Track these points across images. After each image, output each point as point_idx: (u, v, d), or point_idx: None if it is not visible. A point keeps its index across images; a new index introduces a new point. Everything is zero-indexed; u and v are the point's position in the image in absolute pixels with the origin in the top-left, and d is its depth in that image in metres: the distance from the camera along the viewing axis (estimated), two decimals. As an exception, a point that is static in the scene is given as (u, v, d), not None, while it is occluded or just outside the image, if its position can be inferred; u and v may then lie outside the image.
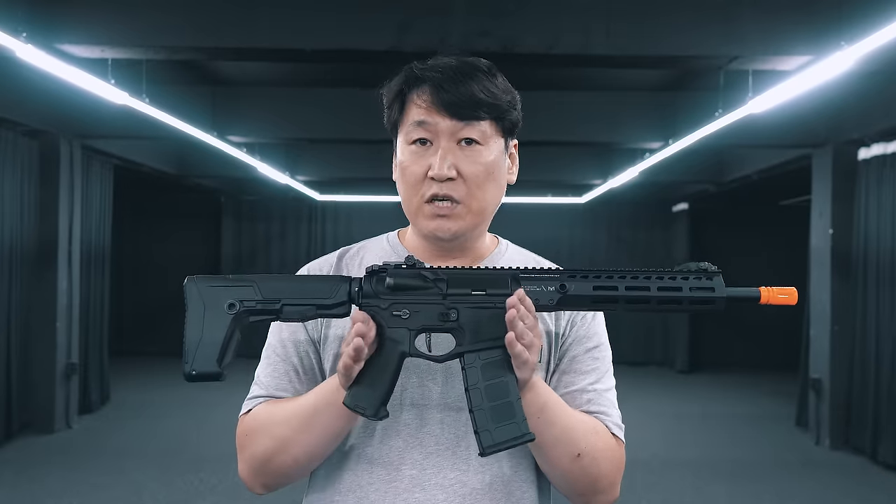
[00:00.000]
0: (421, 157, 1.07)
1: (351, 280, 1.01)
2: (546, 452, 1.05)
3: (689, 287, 0.99)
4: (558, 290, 1.00)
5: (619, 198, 10.03)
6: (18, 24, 3.50)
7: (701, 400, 8.21)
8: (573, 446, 1.04)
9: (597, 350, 1.14)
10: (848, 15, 3.78)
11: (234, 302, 0.99)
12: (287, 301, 0.99)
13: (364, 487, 1.07)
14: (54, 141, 6.08)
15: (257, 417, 1.09)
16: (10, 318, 5.71)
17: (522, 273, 1.01)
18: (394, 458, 1.07)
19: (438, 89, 1.05)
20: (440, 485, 1.05)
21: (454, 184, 1.06)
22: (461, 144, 1.07)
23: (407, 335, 0.99)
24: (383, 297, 0.99)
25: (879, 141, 5.60)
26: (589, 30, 3.94)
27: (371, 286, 1.00)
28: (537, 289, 1.00)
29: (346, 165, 8.56)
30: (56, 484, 4.73)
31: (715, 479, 5.11)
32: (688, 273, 1.00)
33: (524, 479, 1.10)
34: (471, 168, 1.06)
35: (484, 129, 1.07)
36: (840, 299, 6.02)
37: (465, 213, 1.07)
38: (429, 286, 1.00)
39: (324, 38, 4.00)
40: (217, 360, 0.98)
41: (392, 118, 1.12)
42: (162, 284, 10.89)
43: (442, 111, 1.05)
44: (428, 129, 1.06)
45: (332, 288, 1.00)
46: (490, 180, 1.09)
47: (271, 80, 6.58)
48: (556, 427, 1.03)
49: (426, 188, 1.07)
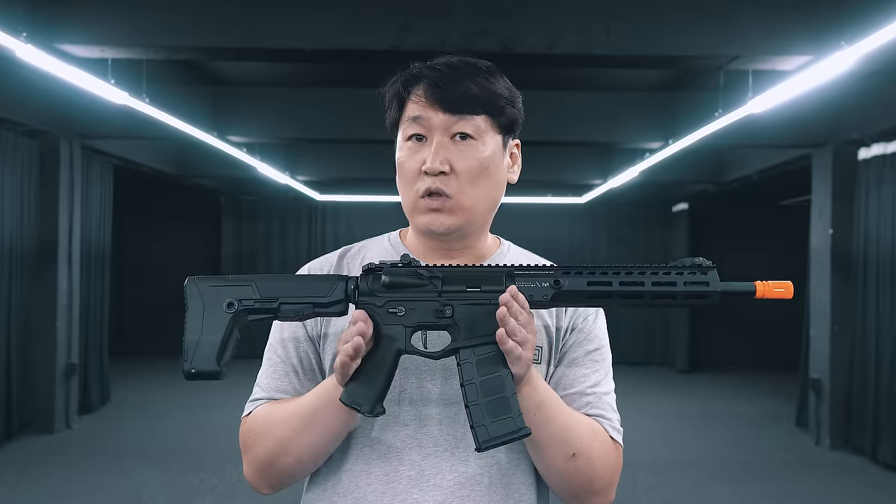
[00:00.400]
0: (416, 153, 1.08)
1: (347, 279, 1.02)
2: (542, 450, 1.05)
3: (684, 282, 0.99)
4: (552, 286, 1.00)
5: (619, 198, 10.02)
6: (18, 24, 3.50)
7: (701, 400, 8.21)
8: (569, 445, 1.04)
9: (597, 353, 1.14)
10: (848, 15, 3.78)
11: (233, 301, 1.00)
12: (285, 300, 1.00)
13: (362, 488, 1.07)
14: (54, 141, 6.08)
15: (258, 419, 1.10)
16: (10, 318, 5.71)
17: (517, 269, 1.01)
18: (392, 459, 1.06)
19: (433, 85, 1.06)
20: (438, 485, 1.05)
21: (447, 178, 1.06)
22: (455, 139, 1.07)
23: (403, 332, 0.99)
24: (379, 294, 1.00)
25: (879, 141, 5.60)
26: (589, 30, 3.94)
27: (367, 284, 1.01)
28: (532, 285, 1.00)
29: (346, 165, 8.56)
30: (56, 484, 4.73)
31: (715, 479, 5.11)
32: (682, 268, 1.00)
33: (522, 479, 1.10)
34: (464, 163, 1.07)
35: (478, 124, 1.07)
36: (840, 299, 6.02)
37: (456, 208, 1.07)
38: (424, 283, 1.00)
39: (324, 38, 4.00)
40: (216, 358, 0.99)
41: (392, 117, 1.13)
42: (162, 284, 10.89)
43: (436, 105, 1.06)
44: (422, 125, 1.07)
45: (328, 286, 1.01)
46: (484, 176, 1.08)
47: (271, 80, 6.58)
48: (552, 424, 1.03)
49: (420, 183, 1.07)
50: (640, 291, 0.99)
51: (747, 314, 10.31)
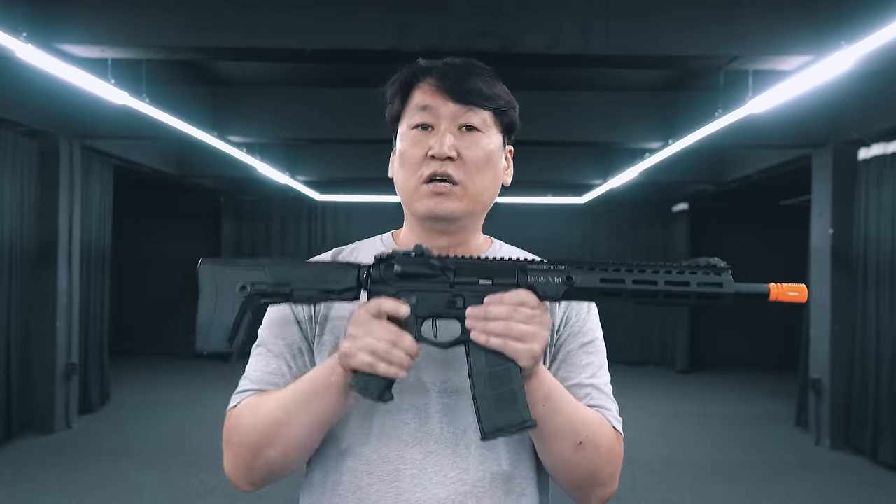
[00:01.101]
0: (421, 141, 1.09)
1: (360, 266, 1.02)
2: (549, 442, 1.05)
3: (697, 282, 0.99)
4: (564, 281, 1.00)
5: (619, 198, 10.02)
6: (18, 24, 3.50)
7: (701, 400, 8.21)
8: (576, 435, 1.04)
9: (591, 345, 1.15)
10: (848, 15, 3.78)
11: (245, 285, 1.01)
12: (297, 285, 1.02)
13: (364, 489, 1.06)
14: (54, 141, 6.08)
15: (243, 411, 1.08)
16: (10, 318, 5.71)
17: (530, 264, 1.01)
18: (393, 458, 1.06)
19: (443, 77, 1.08)
20: (441, 483, 1.05)
21: (454, 164, 1.07)
22: (462, 130, 1.09)
23: (414, 321, 1.00)
24: (391, 283, 1.01)
25: (879, 141, 5.60)
26: (589, 30, 3.93)
27: (380, 273, 1.01)
28: (543, 280, 1.00)
29: (346, 165, 8.56)
30: (56, 484, 4.73)
31: (715, 479, 5.11)
32: (696, 268, 1.00)
33: (524, 475, 1.11)
34: (471, 152, 1.08)
35: (485, 118, 1.09)
36: (840, 299, 6.02)
37: (462, 193, 1.08)
38: (436, 274, 1.00)
39: (324, 38, 4.00)
40: (228, 339, 1.00)
41: (394, 110, 1.14)
42: (162, 284, 10.90)
43: (445, 95, 1.08)
44: (431, 113, 1.08)
45: (341, 274, 1.02)
46: (489, 167, 1.10)
47: (271, 80, 6.58)
48: (560, 415, 1.03)
49: (425, 168, 1.08)
50: (652, 290, 0.99)
51: (747, 314, 10.30)
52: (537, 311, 0.98)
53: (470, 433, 1.06)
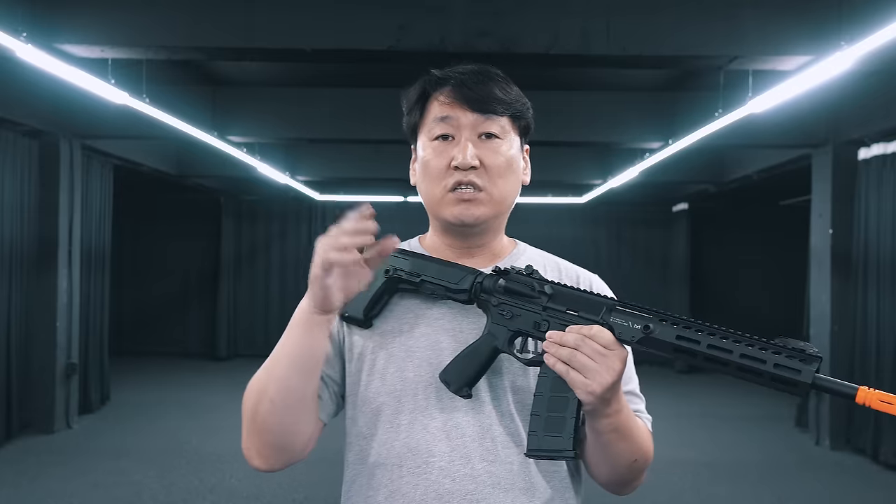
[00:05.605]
0: (444, 152, 1.12)
1: (477, 273, 1.10)
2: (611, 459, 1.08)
3: (774, 363, 0.93)
4: (643, 329, 1.00)
5: (619, 198, 10.02)
6: (18, 24, 3.50)
7: (701, 400, 8.22)
8: (633, 455, 1.08)
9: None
10: (848, 15, 3.79)
11: (390, 268, 1.13)
12: (427, 277, 1.11)
13: (395, 481, 1.08)
14: (54, 141, 6.08)
15: (251, 381, 1.11)
16: (10, 318, 5.71)
17: (619, 304, 1.03)
18: (422, 451, 1.08)
19: (461, 86, 1.11)
20: (469, 475, 1.07)
21: (477, 172, 1.11)
22: (482, 138, 1.12)
23: (505, 333, 1.07)
24: (496, 295, 1.08)
25: (879, 141, 5.61)
26: (589, 30, 3.94)
27: (492, 283, 1.09)
28: (624, 323, 1.01)
29: (346, 165, 8.56)
30: (56, 484, 4.73)
31: (715, 480, 5.11)
32: (781, 348, 0.94)
33: (548, 468, 1.12)
34: (492, 159, 1.12)
35: (503, 124, 1.13)
36: (840, 299, 6.02)
37: (487, 199, 1.12)
38: (534, 295, 1.07)
39: (324, 38, 4.00)
40: (364, 309, 1.12)
41: (412, 121, 1.17)
42: (162, 284, 10.90)
43: (464, 106, 1.11)
44: (450, 124, 1.12)
45: (460, 275, 1.11)
46: (510, 172, 1.14)
47: (271, 80, 6.58)
48: (623, 443, 1.06)
49: (449, 178, 1.11)
50: (725, 359, 0.98)
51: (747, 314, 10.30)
52: (609, 350, 0.98)
53: (495, 428, 1.08)
